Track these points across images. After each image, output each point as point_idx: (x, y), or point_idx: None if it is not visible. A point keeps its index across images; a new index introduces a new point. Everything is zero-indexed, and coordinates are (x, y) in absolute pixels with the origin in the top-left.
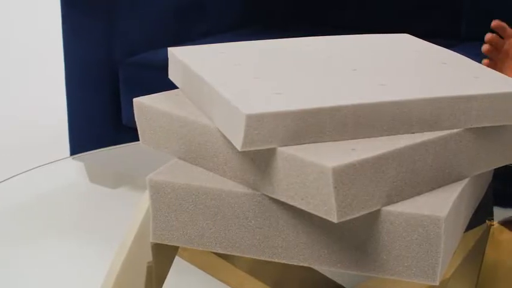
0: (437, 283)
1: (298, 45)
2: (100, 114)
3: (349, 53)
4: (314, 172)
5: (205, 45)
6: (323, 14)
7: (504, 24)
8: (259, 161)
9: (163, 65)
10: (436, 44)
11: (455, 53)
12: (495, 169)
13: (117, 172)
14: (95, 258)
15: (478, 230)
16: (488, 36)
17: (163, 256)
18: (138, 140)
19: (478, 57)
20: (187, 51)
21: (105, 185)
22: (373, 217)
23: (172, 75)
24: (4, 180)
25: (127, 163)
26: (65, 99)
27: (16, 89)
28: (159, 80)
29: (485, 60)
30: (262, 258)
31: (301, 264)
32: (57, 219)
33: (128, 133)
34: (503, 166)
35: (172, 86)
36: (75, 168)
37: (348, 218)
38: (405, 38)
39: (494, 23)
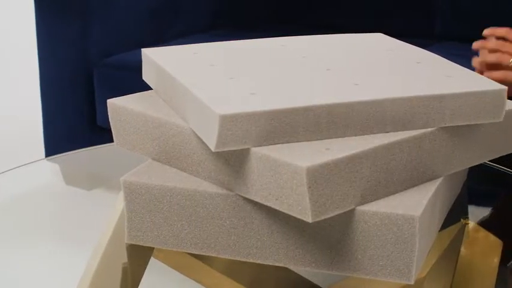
0: (412, 282)
1: (272, 45)
2: (75, 116)
3: (323, 53)
4: (288, 172)
5: (178, 46)
6: (297, 14)
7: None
8: (233, 162)
9: (138, 66)
10: (410, 43)
11: (429, 52)
12: (470, 168)
13: (92, 173)
14: (71, 259)
15: (453, 229)
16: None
17: (138, 257)
18: (113, 141)
19: (452, 56)
20: (161, 52)
21: (80, 186)
22: (348, 217)
23: (146, 76)
24: None
25: (102, 164)
26: (39, 101)
27: None
28: (134, 81)
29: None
30: (237, 258)
31: (276, 264)
32: (33, 221)
33: (103, 134)
34: (478, 165)
35: (147, 87)
36: (50, 169)
37: (322, 217)
38: (379, 37)
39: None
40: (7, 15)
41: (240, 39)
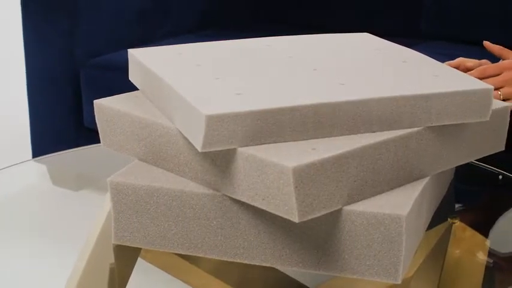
0: (399, 282)
1: (258, 45)
2: (62, 116)
3: (310, 53)
4: (274, 172)
5: (164, 46)
6: (284, 14)
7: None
8: (219, 162)
9: (125, 67)
10: (396, 42)
11: (415, 51)
12: (457, 167)
13: (79, 174)
14: (58, 260)
15: (440, 228)
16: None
17: (125, 257)
18: (100, 142)
19: (438, 55)
20: (147, 52)
21: (67, 187)
22: (335, 216)
23: (133, 76)
24: None
25: (89, 165)
26: (26, 102)
27: None
28: (121, 82)
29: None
30: (224, 258)
31: (263, 264)
32: (20, 222)
33: (90, 135)
34: (465, 164)
35: (135, 88)
36: (37, 170)
37: (309, 217)
38: (365, 37)
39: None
40: None
41: (227, 40)
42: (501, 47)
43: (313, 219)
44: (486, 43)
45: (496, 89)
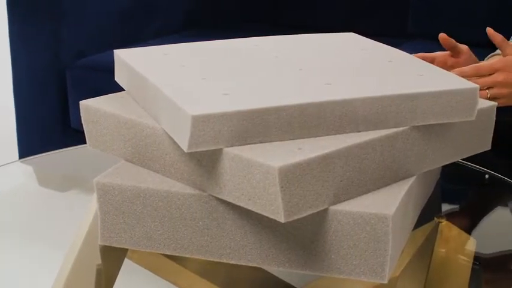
0: (386, 281)
1: (244, 46)
2: (48, 117)
3: (296, 53)
4: (260, 172)
5: (150, 47)
6: (270, 14)
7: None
8: (205, 162)
9: (111, 67)
10: (382, 42)
11: (401, 51)
12: (443, 166)
13: (66, 175)
14: (45, 261)
15: (426, 227)
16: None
17: (112, 258)
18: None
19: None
20: (133, 53)
21: (54, 188)
22: (321, 216)
23: (119, 77)
24: None
25: (76, 166)
26: (13, 103)
27: None
28: (107, 83)
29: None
30: (211, 259)
31: (250, 264)
32: (6, 222)
33: (77, 136)
34: (451, 163)
35: (121, 88)
36: (23, 171)
37: (295, 217)
38: (351, 36)
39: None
40: None
41: (213, 40)
42: (503, 38)
43: (300, 219)
44: (489, 30)
45: (487, 88)
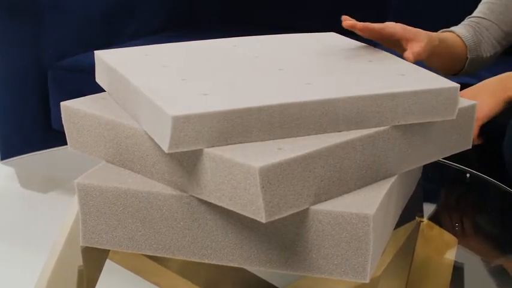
0: (367, 281)
1: (224, 46)
2: (29, 119)
3: (276, 53)
4: (241, 172)
5: (131, 48)
6: (250, 14)
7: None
8: (186, 163)
9: (92, 68)
10: (362, 42)
11: (381, 50)
12: (424, 165)
13: (47, 176)
14: (26, 262)
15: (408, 227)
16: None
17: (93, 259)
18: None
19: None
20: (114, 53)
21: (35, 189)
22: (302, 216)
23: (99, 78)
24: None
25: (57, 167)
26: None
27: None
28: (89, 84)
29: None
30: (192, 259)
31: (231, 264)
32: None
33: (58, 137)
34: (432, 162)
35: (102, 89)
36: (5, 173)
37: (276, 217)
38: (332, 36)
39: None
40: None
41: (193, 40)
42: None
43: (281, 219)
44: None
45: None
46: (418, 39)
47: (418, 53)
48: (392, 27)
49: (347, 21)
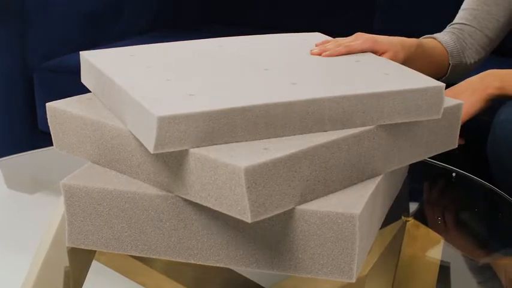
0: (353, 280)
1: (209, 46)
2: (16, 120)
3: (261, 53)
4: (226, 173)
5: (116, 48)
6: (236, 15)
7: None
8: (172, 163)
9: (78, 69)
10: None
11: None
12: (410, 165)
13: (34, 177)
14: (13, 263)
15: (394, 226)
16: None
17: (80, 260)
18: None
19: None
20: (99, 54)
21: (22, 190)
22: (288, 216)
23: (85, 79)
24: None
25: (44, 168)
26: None
27: None
28: (74, 85)
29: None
30: (178, 260)
31: (217, 264)
32: None
33: (45, 138)
34: (418, 162)
35: (88, 90)
36: None
37: (262, 217)
38: (317, 36)
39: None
40: None
41: (179, 41)
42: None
43: (266, 219)
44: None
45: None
46: (390, 51)
47: None
48: (360, 46)
49: (312, 52)
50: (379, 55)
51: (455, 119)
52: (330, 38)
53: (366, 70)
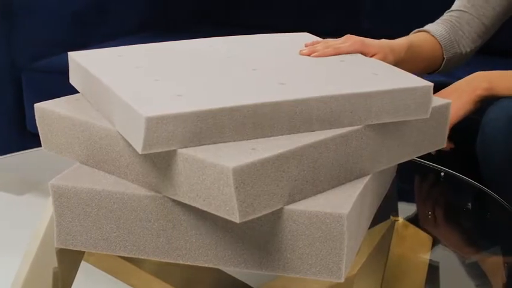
0: (342, 280)
1: (198, 46)
2: (4, 120)
3: (250, 53)
4: (214, 173)
5: (104, 49)
6: (225, 15)
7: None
8: (160, 164)
9: (66, 70)
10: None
11: None
12: (399, 164)
13: (22, 178)
14: (2, 264)
15: (382, 226)
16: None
17: (68, 261)
18: None
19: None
20: (87, 55)
21: (11, 191)
22: (276, 216)
23: (73, 79)
24: None
25: (33, 169)
26: None
27: None
28: (63, 85)
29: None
30: (167, 260)
31: (206, 265)
32: None
33: (33, 139)
34: (406, 161)
35: (77, 91)
36: None
37: (250, 217)
38: (305, 36)
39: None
40: None
41: (167, 41)
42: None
43: (255, 219)
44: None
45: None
46: (379, 54)
47: None
48: (348, 49)
49: (302, 52)
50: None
51: (443, 118)
52: (319, 39)
53: (354, 70)
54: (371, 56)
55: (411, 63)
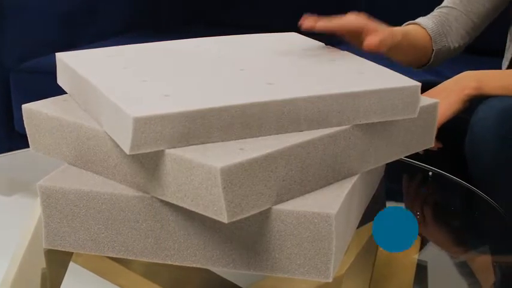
0: (330, 280)
1: (185, 47)
2: None
3: (237, 53)
4: (202, 173)
5: (92, 49)
6: (211, 15)
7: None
8: (148, 164)
9: (55, 70)
10: (324, 41)
11: (342, 50)
12: (387, 164)
13: (11, 179)
14: None
15: (371, 226)
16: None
17: (57, 262)
18: None
19: (366, 54)
20: (75, 55)
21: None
22: (264, 216)
23: (61, 80)
24: None
25: (21, 169)
26: None
27: None
28: (51, 86)
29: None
30: (155, 261)
31: (194, 265)
32: None
33: (22, 140)
34: (395, 161)
35: (65, 91)
36: None
37: (238, 218)
38: (293, 36)
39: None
40: None
41: (155, 42)
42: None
43: (243, 219)
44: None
45: None
46: (379, 31)
47: (374, 44)
48: (353, 21)
49: (306, 23)
50: (367, 36)
51: (431, 118)
52: (307, 38)
53: (342, 70)
54: (371, 33)
55: (405, 50)
